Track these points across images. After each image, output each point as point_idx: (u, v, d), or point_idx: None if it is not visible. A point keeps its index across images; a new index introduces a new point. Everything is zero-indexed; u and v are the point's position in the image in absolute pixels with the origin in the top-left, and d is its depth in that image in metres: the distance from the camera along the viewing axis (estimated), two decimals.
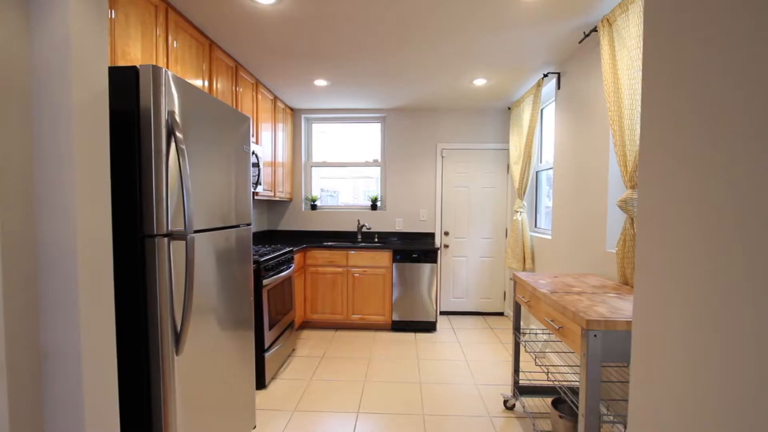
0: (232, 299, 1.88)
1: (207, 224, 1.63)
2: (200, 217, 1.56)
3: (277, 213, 4.54)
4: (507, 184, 4.36)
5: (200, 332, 1.56)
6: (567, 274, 2.27)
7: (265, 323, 2.66)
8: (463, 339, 3.65)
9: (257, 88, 3.36)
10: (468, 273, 4.43)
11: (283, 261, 3.10)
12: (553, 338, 2.89)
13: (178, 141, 1.31)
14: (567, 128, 2.85)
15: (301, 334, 3.77)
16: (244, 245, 2.02)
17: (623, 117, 1.96)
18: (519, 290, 2.24)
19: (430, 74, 3.22)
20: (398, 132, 4.42)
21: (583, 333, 1.41)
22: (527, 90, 3.49)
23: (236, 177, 1.92)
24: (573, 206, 2.73)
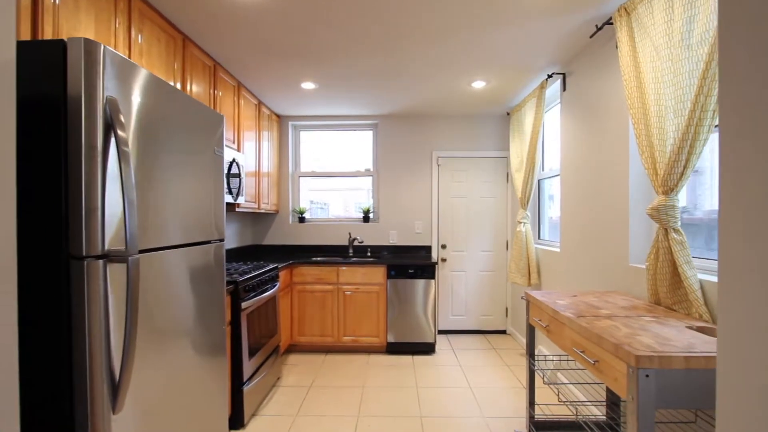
0: (200, 329, 1.57)
1: (165, 241, 1.34)
2: (154, 233, 1.27)
3: (262, 226, 4.23)
4: (507, 193, 4.13)
5: (153, 376, 1.24)
6: (587, 293, 2.01)
7: (244, 353, 2.33)
8: (465, 361, 3.35)
9: (239, 91, 3.10)
10: (467, 288, 4.15)
11: (266, 280, 2.78)
12: (571, 364, 2.62)
13: (120, 137, 1.02)
14: (575, 132, 2.64)
15: (287, 359, 3.43)
16: (217, 264, 1.72)
17: (649, 116, 1.74)
18: (534, 312, 1.97)
19: (426, 76, 3.00)
20: (391, 139, 4.18)
21: (629, 372, 1.14)
22: (529, 93, 3.29)
23: (206, 185, 1.63)
24: (585, 216, 2.49)
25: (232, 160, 2.82)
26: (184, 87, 2.32)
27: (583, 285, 2.52)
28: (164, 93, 1.34)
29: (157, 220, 1.30)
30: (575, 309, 1.67)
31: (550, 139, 3.37)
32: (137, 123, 1.18)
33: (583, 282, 2.51)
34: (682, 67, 1.54)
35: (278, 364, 3.01)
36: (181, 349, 1.44)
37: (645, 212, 2.02)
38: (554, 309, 1.68)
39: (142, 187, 1.20)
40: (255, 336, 2.55)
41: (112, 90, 1.05)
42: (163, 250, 1.33)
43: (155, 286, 1.28)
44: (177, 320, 1.41)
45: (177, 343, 1.41)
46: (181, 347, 1.44)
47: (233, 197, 2.83)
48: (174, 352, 1.39)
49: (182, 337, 1.45)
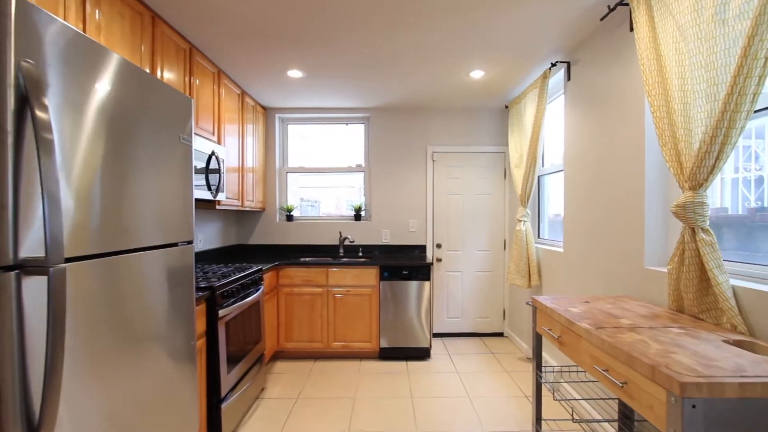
0: (161, 347, 1.35)
1: (114, 245, 1.11)
2: (100, 237, 1.05)
3: (247, 225, 3.99)
4: (505, 190, 3.96)
5: (99, 407, 1.02)
6: (599, 298, 1.84)
7: (222, 366, 2.11)
8: (462, 367, 3.17)
9: (219, 79, 2.85)
10: (463, 290, 3.97)
11: (248, 283, 2.56)
12: (581, 375, 2.45)
13: (38, 120, 0.80)
14: (581, 125, 2.46)
15: (273, 368, 3.21)
16: (184, 270, 1.50)
17: (672, 104, 1.56)
18: (542, 320, 1.79)
19: (422, 65, 2.80)
20: (384, 133, 3.97)
21: (671, 401, 0.96)
22: (530, 84, 3.11)
23: (170, 179, 1.40)
24: (592, 214, 2.32)
25: (212, 153, 2.58)
26: (153, 71, 2.08)
27: (589, 288, 2.35)
28: (115, 68, 1.11)
29: (103, 220, 1.07)
30: (592, 318, 1.49)
31: (551, 134, 3.19)
32: (72, 102, 0.95)
33: (590, 285, 2.34)
34: (716, 45, 1.36)
35: (262, 374, 2.80)
36: (137, 372, 1.22)
37: (664, 210, 1.85)
38: (568, 319, 1.50)
39: (81, 181, 0.97)
40: (236, 346, 2.33)
41: (28, 52, 0.83)
42: (113, 256, 1.11)
43: (101, 300, 1.06)
44: (131, 338, 1.19)
45: (132, 365, 1.19)
46: (138, 369, 1.22)
47: (212, 194, 2.60)
48: (128, 376, 1.17)
49: (138, 357, 1.23)
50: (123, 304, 1.16)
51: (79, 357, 0.98)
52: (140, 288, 1.24)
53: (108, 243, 1.10)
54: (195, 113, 2.44)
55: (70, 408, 0.93)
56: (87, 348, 1.01)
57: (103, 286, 1.07)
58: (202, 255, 3.19)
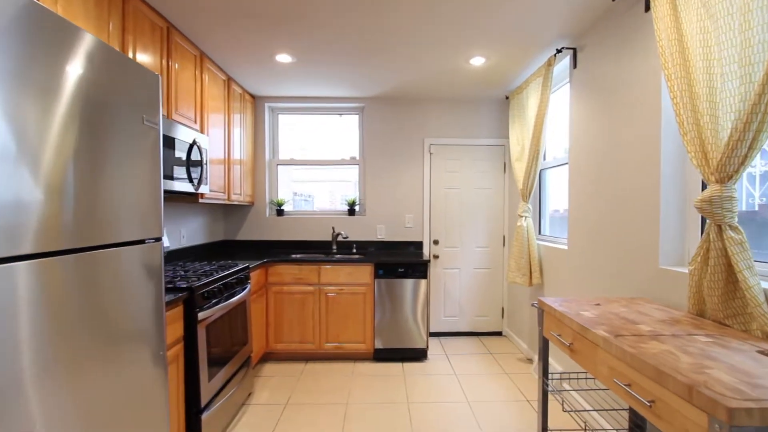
0: (124, 359, 1.19)
1: (57, 243, 0.94)
2: (43, 233, 0.88)
3: (235, 220, 3.81)
4: (505, 184, 3.81)
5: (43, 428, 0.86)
6: (611, 300, 1.70)
7: (202, 374, 1.95)
8: (461, 369, 3.04)
9: (202, 63, 2.66)
10: (461, 288, 3.84)
11: (233, 282, 2.40)
12: (591, 383, 2.32)
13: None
14: (588, 115, 2.31)
15: (262, 370, 3.05)
16: (149, 270, 1.33)
17: (696, 89, 1.41)
18: (551, 324, 1.65)
19: (420, 51, 2.63)
20: (379, 125, 3.80)
21: (715, 428, 0.82)
22: (533, 72, 2.95)
23: (132, 167, 1.23)
24: (599, 210, 2.18)
25: (193, 142, 2.40)
26: (125, 53, 1.89)
27: (595, 288, 2.22)
28: (57, 34, 0.94)
29: (52, 216, 0.90)
30: (608, 324, 1.35)
31: (554, 125, 3.05)
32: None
33: (596, 285, 2.21)
34: (752, 19, 1.21)
35: (249, 378, 2.64)
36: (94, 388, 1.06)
37: (681, 205, 1.71)
38: (582, 325, 1.36)
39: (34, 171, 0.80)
40: (219, 349, 2.17)
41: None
42: (55, 257, 0.94)
43: (52, 304, 0.89)
44: (86, 349, 1.03)
45: (87, 380, 1.03)
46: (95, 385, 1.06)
47: (194, 186, 2.42)
48: (83, 392, 1.01)
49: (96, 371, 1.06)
50: (77, 310, 1.00)
51: (26, 368, 0.82)
52: (98, 291, 1.08)
53: (51, 241, 0.93)
54: (167, 94, 2.25)
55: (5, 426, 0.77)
56: (36, 358, 0.84)
57: (55, 288, 0.91)
58: (185, 252, 3.01)
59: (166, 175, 2.13)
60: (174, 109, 2.31)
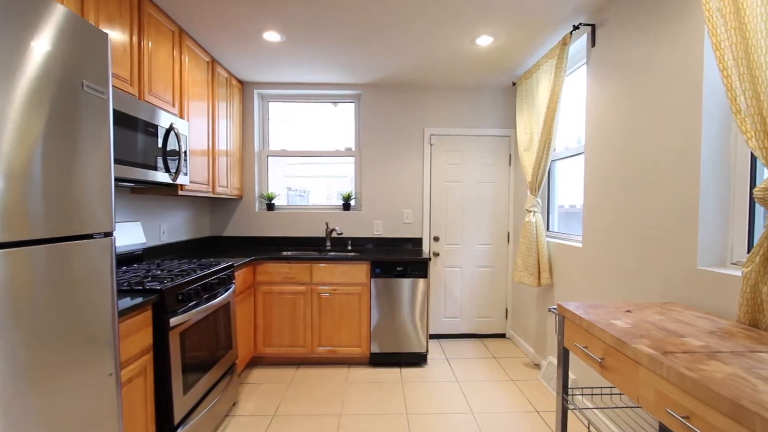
0: (61, 384, 0.96)
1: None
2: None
3: (222, 215, 3.57)
4: (509, 177, 3.59)
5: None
6: (642, 305, 1.48)
7: (175, 387, 1.71)
8: (463, 375, 2.83)
9: (181, 41, 2.41)
10: (462, 287, 3.62)
11: (214, 282, 2.16)
12: (616, 399, 2.11)
13: None
14: (608, 99, 2.09)
15: (249, 376, 2.83)
16: (95, 272, 1.10)
17: (755, 57, 1.19)
18: (574, 333, 1.43)
19: (422, 29, 2.39)
20: (377, 113, 3.56)
21: None
22: (545, 53, 2.72)
23: (67, 146, 0.99)
24: (621, 203, 1.96)
25: (169, 127, 2.15)
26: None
27: (614, 290, 2.01)
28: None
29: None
30: (648, 337, 1.13)
31: (565, 113, 2.82)
32: None
33: (616, 287, 1.99)
34: None
35: (234, 386, 2.42)
36: (31, 415, 0.82)
37: (725, 197, 1.49)
38: (618, 338, 1.14)
39: None
40: (197, 358, 1.94)
41: None
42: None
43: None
44: (14, 368, 0.80)
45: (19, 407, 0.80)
46: (27, 415, 0.83)
47: (171, 176, 2.18)
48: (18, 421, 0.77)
49: (25, 396, 0.83)
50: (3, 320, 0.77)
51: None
52: (27, 297, 0.85)
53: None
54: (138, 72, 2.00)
55: None
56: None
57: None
58: (165, 249, 2.77)
59: (138, 163, 1.89)
60: (146, 89, 2.06)
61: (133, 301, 1.55)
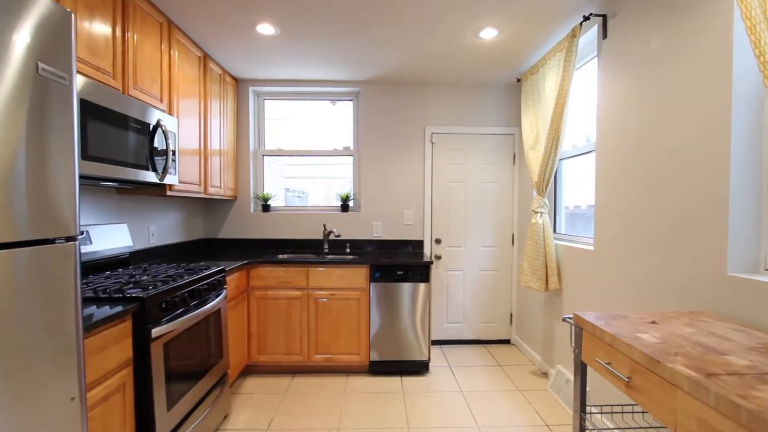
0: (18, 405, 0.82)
1: None
2: None
3: (216, 216, 3.44)
4: (514, 177, 3.47)
5: None
6: (667, 315, 1.35)
7: (157, 402, 1.58)
8: (467, 384, 2.70)
9: (170, 33, 2.29)
10: (465, 291, 3.49)
11: (203, 288, 2.03)
12: (639, 418, 1.98)
13: None
14: (621, 92, 1.96)
15: (242, 386, 2.69)
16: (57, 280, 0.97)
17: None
18: (593, 347, 1.30)
19: (423, 22, 2.26)
20: (376, 112, 3.44)
21: None
22: (552, 47, 2.59)
23: (7, 141, 0.86)
24: (637, 203, 1.84)
25: (156, 123, 2.03)
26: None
27: (630, 297, 1.88)
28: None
29: None
30: (683, 354, 1.00)
31: (573, 110, 2.70)
32: None
33: (631, 293, 1.86)
34: None
35: (226, 397, 2.28)
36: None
37: (759, 198, 1.37)
38: (649, 356, 1.01)
39: None
40: (184, 369, 1.80)
41: None
42: None
43: None
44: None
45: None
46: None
47: (158, 175, 2.05)
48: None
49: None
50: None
51: None
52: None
53: None
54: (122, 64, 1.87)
55: None
56: None
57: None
58: (154, 252, 2.64)
59: (122, 161, 1.76)
60: (131, 83, 1.93)
61: (112, 309, 1.43)
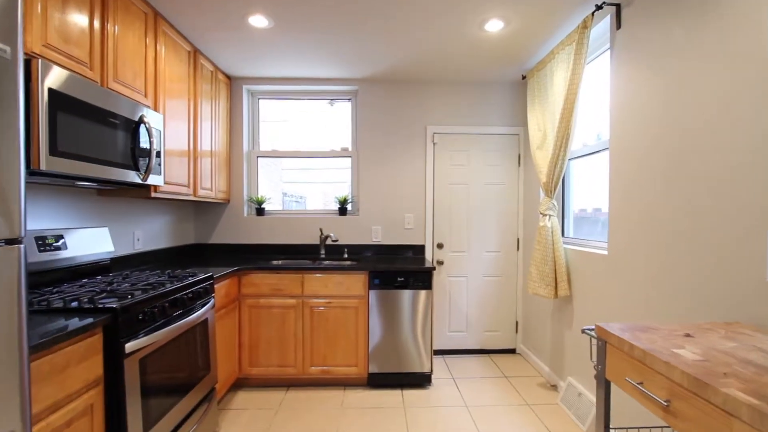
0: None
1: None
2: None
3: (208, 220, 3.29)
4: (519, 179, 3.33)
5: None
6: (702, 326, 1.20)
7: (131, 425, 1.42)
8: (472, 398, 2.53)
9: (156, 25, 2.16)
10: (468, 298, 3.33)
11: (188, 297, 1.88)
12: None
13: None
14: (638, 85, 1.83)
15: (232, 401, 2.52)
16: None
17: None
18: (621, 363, 1.14)
19: (425, 13, 2.14)
20: (375, 110, 3.31)
21: None
22: (562, 39, 2.47)
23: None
24: (658, 205, 1.70)
25: (139, 119, 1.89)
26: (30, 6, 1.39)
27: (650, 306, 1.73)
28: None
29: None
30: (734, 374, 0.85)
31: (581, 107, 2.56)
32: None
33: (653, 301, 1.72)
34: None
35: (213, 414, 2.12)
36: None
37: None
38: (694, 376, 0.86)
39: None
40: (165, 387, 1.65)
41: None
42: None
43: None
44: None
45: None
46: None
47: (141, 175, 1.90)
48: None
49: None
50: None
51: None
52: None
53: None
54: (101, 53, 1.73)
55: None
56: None
57: None
58: (140, 258, 2.49)
59: (100, 159, 1.63)
60: (111, 75, 1.80)
61: (81, 322, 1.28)
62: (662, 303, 1.67)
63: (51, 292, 1.59)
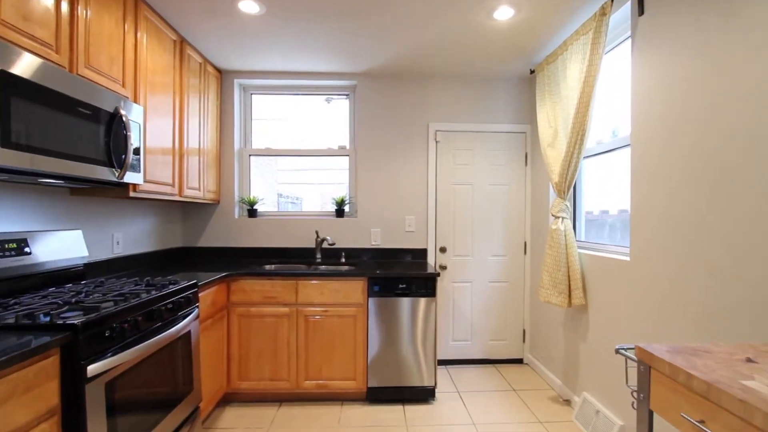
0: None
1: None
2: None
3: (197, 222, 3.09)
4: (526, 179, 3.16)
5: None
6: (757, 348, 1.03)
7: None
8: (479, 415, 2.35)
9: (137, 9, 1.97)
10: (473, 305, 3.16)
11: (168, 307, 1.69)
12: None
13: None
14: (665, 78, 1.67)
15: (220, 418, 2.32)
16: None
17: None
18: (671, 394, 0.96)
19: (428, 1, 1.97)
20: (374, 106, 3.13)
21: None
22: (576, 28, 2.30)
23: None
24: (689, 206, 1.53)
25: (115, 110, 1.70)
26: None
27: (683, 316, 1.56)
28: None
29: None
30: None
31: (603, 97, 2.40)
32: None
33: (684, 311, 1.54)
34: None
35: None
36: None
37: None
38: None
39: None
40: (138, 411, 1.45)
41: None
42: None
43: None
44: None
45: None
46: None
47: (116, 172, 1.71)
48: None
49: None
50: None
51: None
52: None
53: None
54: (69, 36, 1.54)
55: None
56: None
57: None
58: (120, 263, 2.29)
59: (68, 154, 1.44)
60: (82, 60, 1.61)
61: (36, 342, 1.09)
62: (695, 314, 1.50)
63: (7, 305, 1.39)
